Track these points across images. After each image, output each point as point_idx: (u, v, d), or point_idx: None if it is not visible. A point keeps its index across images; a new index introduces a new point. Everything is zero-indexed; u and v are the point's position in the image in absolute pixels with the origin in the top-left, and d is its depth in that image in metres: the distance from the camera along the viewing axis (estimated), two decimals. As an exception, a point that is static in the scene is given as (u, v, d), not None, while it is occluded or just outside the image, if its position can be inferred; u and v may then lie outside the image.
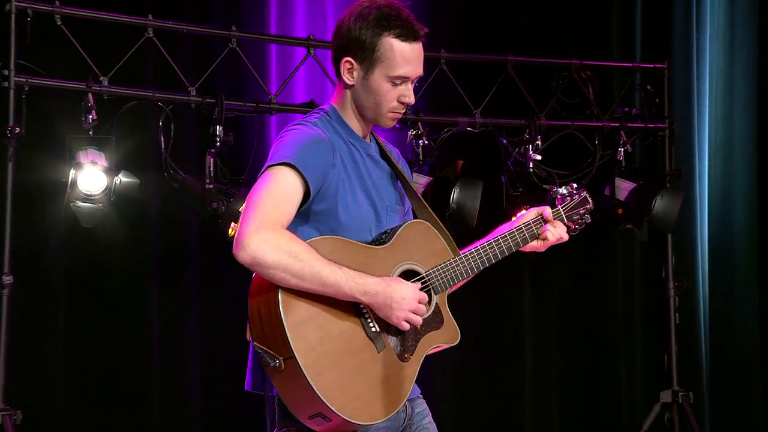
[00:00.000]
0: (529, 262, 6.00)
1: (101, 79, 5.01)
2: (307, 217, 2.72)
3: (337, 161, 2.74)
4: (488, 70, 5.88)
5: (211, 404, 5.75)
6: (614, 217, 5.98)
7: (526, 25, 6.32)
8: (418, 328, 2.72)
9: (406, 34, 2.76)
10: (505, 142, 5.77)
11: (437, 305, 2.80)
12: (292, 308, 2.59)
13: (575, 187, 3.12)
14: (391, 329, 2.71)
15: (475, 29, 6.08)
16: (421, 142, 5.57)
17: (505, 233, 2.94)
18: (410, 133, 5.58)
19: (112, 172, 4.98)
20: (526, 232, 2.96)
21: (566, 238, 3.03)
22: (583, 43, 6.28)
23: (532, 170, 5.74)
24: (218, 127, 5.14)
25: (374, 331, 2.68)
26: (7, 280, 4.80)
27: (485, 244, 2.90)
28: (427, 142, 5.59)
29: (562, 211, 3.06)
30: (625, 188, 5.98)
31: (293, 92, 5.80)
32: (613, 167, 6.00)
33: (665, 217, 5.90)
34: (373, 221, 2.79)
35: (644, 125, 6.11)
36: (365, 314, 2.68)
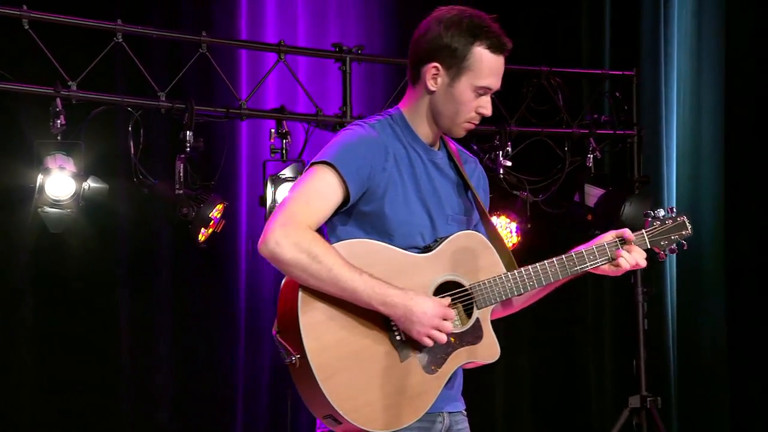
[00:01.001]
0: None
1: (69, 83, 4.97)
2: (354, 217, 2.70)
3: (389, 164, 2.70)
4: (458, 76, 5.88)
5: (181, 412, 5.72)
6: (584, 223, 6.00)
7: (496, 32, 6.33)
8: (451, 341, 2.67)
9: (496, 45, 2.75)
10: (475, 148, 5.79)
11: (478, 320, 2.73)
12: (310, 308, 2.58)
13: (674, 210, 2.95)
14: None
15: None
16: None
17: (571, 253, 2.83)
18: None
19: (80, 177, 4.95)
20: (597, 254, 2.84)
21: (643, 264, 2.86)
22: (552, 50, 6.32)
23: (502, 176, 5.76)
24: (188, 132, 5.12)
25: (399, 339, 2.64)
26: (-27, 286, 4.76)
27: (546, 262, 2.79)
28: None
29: (646, 235, 2.91)
30: (594, 194, 6.01)
31: (264, 98, 5.79)
32: (582, 173, 6.04)
33: (634, 223, 5.92)
34: (427, 228, 2.74)
35: (613, 132, 6.15)
36: (392, 322, 2.64)
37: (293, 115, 5.51)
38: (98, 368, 5.51)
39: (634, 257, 2.85)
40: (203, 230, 5.21)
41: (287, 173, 5.36)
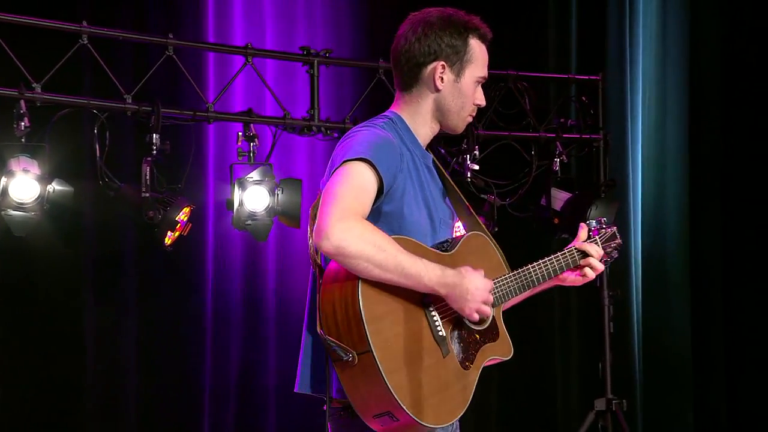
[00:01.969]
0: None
1: (34, 85, 4.92)
2: (376, 216, 2.72)
3: (404, 166, 2.76)
4: (426, 80, 5.89)
5: (147, 416, 5.68)
6: (550, 226, 6.03)
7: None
8: (477, 338, 2.75)
9: (484, 36, 2.93)
10: (443, 151, 5.80)
11: (494, 318, 2.81)
12: (372, 302, 2.59)
13: (604, 221, 3.10)
14: (454, 335, 2.72)
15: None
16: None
17: (551, 257, 2.96)
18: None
19: (45, 180, 4.90)
20: (568, 257, 2.97)
21: (602, 268, 3.03)
22: (519, 54, 6.34)
23: (469, 180, 5.77)
24: (155, 135, 5.09)
25: (440, 334, 2.69)
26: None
27: (540, 262, 2.94)
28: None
29: (599, 241, 3.04)
30: (561, 198, 6.04)
31: (231, 100, 5.77)
32: (549, 177, 6.06)
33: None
34: (429, 231, 2.80)
35: (579, 136, 6.18)
36: (433, 316, 2.68)
37: (261, 118, 5.49)
38: (62, 372, 5.46)
39: (597, 263, 3.01)
40: (170, 233, 5.18)
41: (254, 176, 5.34)
